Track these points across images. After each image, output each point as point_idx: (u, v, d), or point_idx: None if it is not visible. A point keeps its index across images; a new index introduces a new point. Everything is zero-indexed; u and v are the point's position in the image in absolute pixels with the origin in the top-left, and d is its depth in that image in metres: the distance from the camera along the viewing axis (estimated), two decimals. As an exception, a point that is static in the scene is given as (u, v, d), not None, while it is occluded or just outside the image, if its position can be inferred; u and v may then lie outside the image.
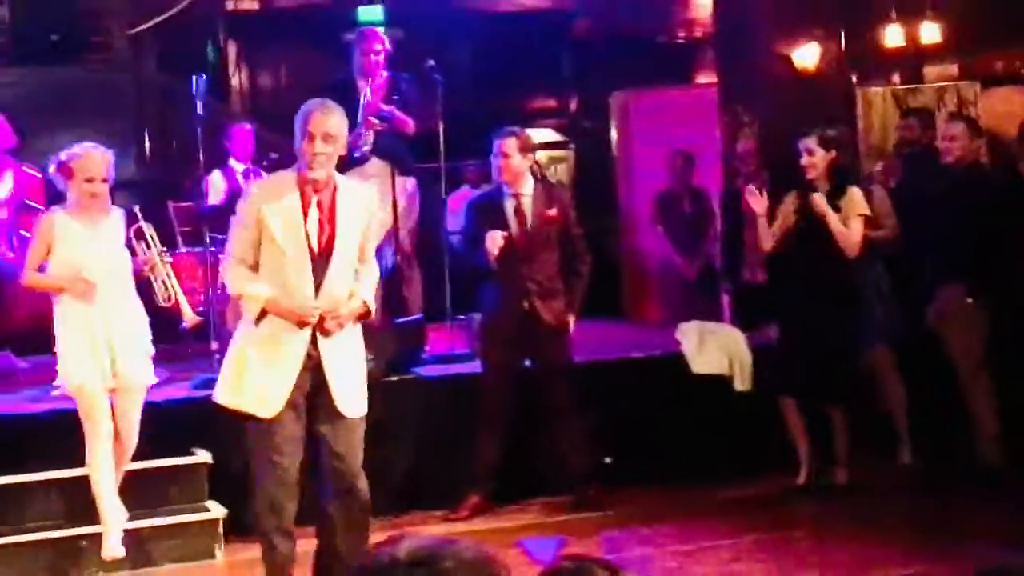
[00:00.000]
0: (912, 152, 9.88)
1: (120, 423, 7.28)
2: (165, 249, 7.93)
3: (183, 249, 10.31)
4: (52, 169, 7.34)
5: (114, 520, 7.26)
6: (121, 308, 7.25)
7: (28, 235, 8.33)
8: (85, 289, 7.08)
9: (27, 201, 9.59)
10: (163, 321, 10.01)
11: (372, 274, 6.56)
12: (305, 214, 6.20)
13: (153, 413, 7.71)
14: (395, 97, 9.55)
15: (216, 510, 7.82)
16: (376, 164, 9.37)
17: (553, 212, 8.40)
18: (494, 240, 8.19)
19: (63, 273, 7.17)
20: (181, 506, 7.84)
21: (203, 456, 7.94)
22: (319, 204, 6.24)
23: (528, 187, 8.45)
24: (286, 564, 6.38)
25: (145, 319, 7.42)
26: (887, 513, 8.31)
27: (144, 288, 7.62)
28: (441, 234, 9.76)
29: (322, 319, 6.23)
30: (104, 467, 7.20)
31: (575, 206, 8.67)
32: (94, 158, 7.25)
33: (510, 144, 8.35)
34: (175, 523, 7.74)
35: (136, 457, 7.64)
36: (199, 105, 8.87)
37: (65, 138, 11.30)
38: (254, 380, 6.26)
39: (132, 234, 7.61)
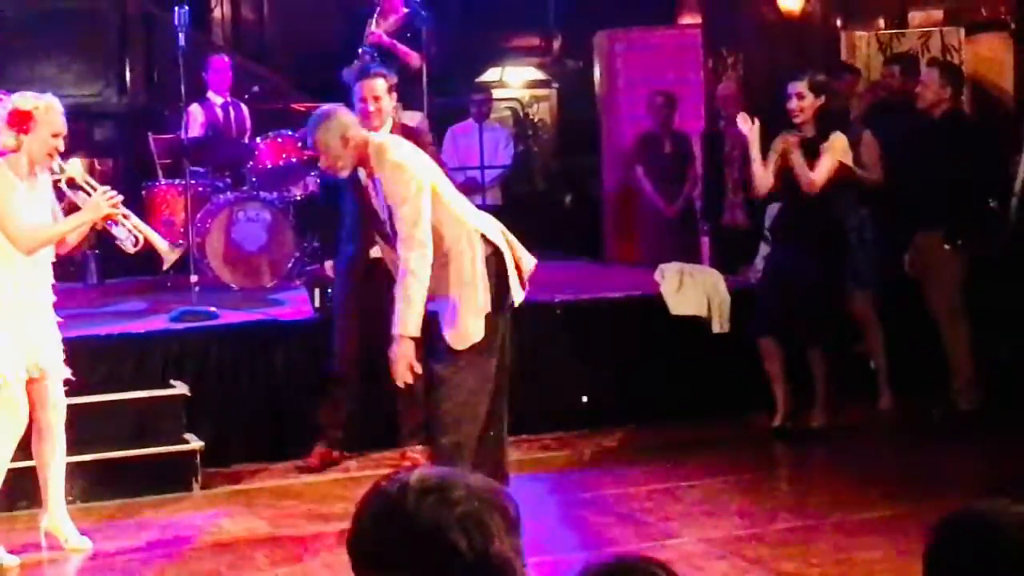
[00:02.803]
0: (889, 99, 9.86)
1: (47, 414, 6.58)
2: (107, 189, 6.70)
3: (163, 181, 10.25)
4: None
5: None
6: (48, 284, 6.54)
7: None
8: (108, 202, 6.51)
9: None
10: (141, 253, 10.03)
11: None
12: None
13: (131, 344, 7.68)
14: (407, 34, 9.47)
15: (193, 442, 7.81)
16: None
17: None
18: None
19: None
20: (158, 438, 7.80)
21: (180, 388, 7.92)
22: None
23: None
24: None
25: None
26: (863, 457, 8.34)
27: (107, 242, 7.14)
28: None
29: None
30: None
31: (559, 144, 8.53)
32: (59, 111, 6.36)
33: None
34: (151, 454, 7.69)
35: (114, 388, 7.63)
36: (180, 36, 8.79)
37: (46, 67, 11.33)
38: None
39: (66, 186, 6.62)
